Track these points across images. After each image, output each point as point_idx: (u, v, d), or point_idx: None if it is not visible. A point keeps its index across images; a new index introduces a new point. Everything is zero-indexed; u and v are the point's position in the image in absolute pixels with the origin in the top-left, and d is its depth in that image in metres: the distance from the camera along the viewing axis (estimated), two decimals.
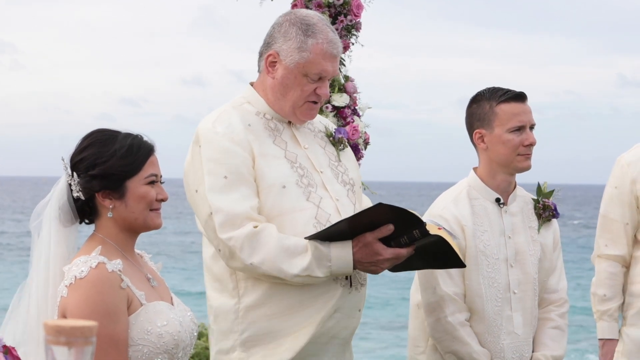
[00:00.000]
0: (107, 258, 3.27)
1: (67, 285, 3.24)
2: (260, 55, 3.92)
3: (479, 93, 4.39)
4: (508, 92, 4.32)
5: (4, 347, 2.59)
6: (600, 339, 5.21)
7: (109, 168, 3.33)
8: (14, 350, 2.59)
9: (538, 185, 4.49)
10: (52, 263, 3.35)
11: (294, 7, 5.49)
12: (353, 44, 5.66)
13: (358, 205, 3.93)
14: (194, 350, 8.44)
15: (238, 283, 3.78)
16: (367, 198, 4.21)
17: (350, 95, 5.62)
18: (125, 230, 3.40)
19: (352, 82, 5.66)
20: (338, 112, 5.59)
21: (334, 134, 4.03)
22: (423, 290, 4.32)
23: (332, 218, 3.77)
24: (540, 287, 4.40)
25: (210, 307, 3.87)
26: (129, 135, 3.42)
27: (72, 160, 3.39)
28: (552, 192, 4.48)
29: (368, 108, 5.71)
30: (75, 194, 3.37)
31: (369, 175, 6.09)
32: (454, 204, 4.34)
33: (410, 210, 3.60)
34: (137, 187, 3.37)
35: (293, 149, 3.87)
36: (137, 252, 3.52)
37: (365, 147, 5.66)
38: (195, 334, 3.46)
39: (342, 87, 5.61)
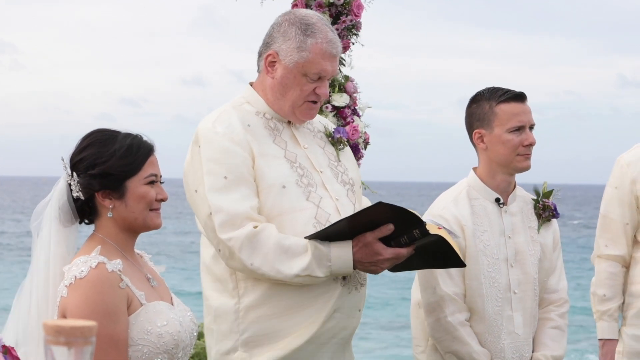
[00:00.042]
0: (107, 258, 3.27)
1: (67, 285, 3.24)
2: (260, 55, 3.92)
3: (479, 93, 4.39)
4: (508, 92, 4.32)
5: (4, 347, 2.59)
6: (600, 339, 5.21)
7: (109, 168, 3.33)
8: (13, 351, 2.60)
9: (535, 188, 4.49)
10: (51, 263, 3.35)
11: (295, 7, 5.49)
12: (353, 44, 5.66)
13: (358, 205, 3.93)
14: (194, 350, 8.44)
15: (238, 283, 3.78)
16: (366, 199, 4.20)
17: (350, 95, 5.62)
18: (125, 230, 3.40)
19: (352, 82, 5.66)
20: (338, 112, 5.59)
21: (333, 134, 4.03)
22: (423, 290, 4.32)
23: (332, 218, 3.77)
24: (540, 287, 4.40)
25: (210, 307, 3.87)
26: (129, 135, 3.42)
27: (71, 160, 3.39)
28: (551, 192, 4.48)
29: (368, 107, 5.71)
30: (75, 194, 3.37)
31: (369, 175, 6.10)
32: (454, 204, 4.34)
33: (410, 210, 3.60)
34: (137, 187, 3.37)
35: (293, 149, 3.87)
36: (137, 252, 3.52)
37: (365, 147, 5.66)
38: (195, 334, 3.46)
39: (342, 87, 5.61)
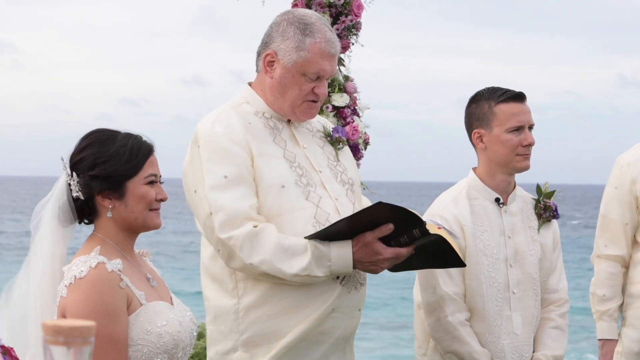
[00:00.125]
0: (106, 258, 3.27)
1: (66, 285, 3.23)
2: (259, 55, 3.91)
3: (478, 93, 4.38)
4: (507, 92, 4.32)
5: (3, 347, 2.59)
6: (600, 339, 5.21)
7: (109, 170, 3.33)
8: (13, 351, 2.59)
9: (537, 186, 4.48)
10: (50, 263, 3.35)
11: (295, 7, 5.49)
12: (353, 44, 5.66)
13: (357, 205, 3.92)
14: (194, 350, 8.44)
15: (237, 283, 3.77)
16: (366, 198, 4.20)
17: (350, 95, 5.62)
18: (125, 230, 3.39)
19: (352, 82, 5.65)
20: (338, 112, 5.58)
21: (332, 134, 4.03)
22: (423, 290, 4.31)
23: (331, 217, 3.76)
24: (541, 287, 4.40)
25: (209, 307, 3.86)
26: (129, 136, 3.42)
27: (71, 160, 3.39)
28: (553, 192, 4.48)
29: (367, 109, 5.70)
30: (75, 194, 3.36)
31: (369, 176, 6.09)
32: (454, 204, 4.34)
33: (410, 210, 3.60)
34: (136, 187, 3.36)
35: (292, 149, 3.86)
36: (137, 251, 3.52)
37: (365, 147, 5.66)
38: (195, 334, 3.46)
39: (342, 87, 5.60)
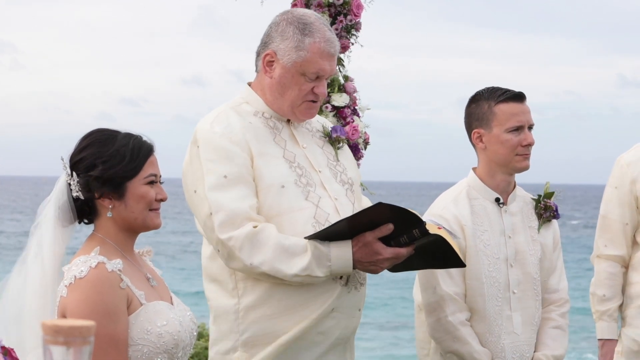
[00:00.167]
0: (106, 258, 3.27)
1: (66, 285, 3.23)
2: (258, 55, 3.91)
3: (478, 93, 4.38)
4: (507, 92, 4.32)
5: (3, 348, 2.58)
6: (600, 339, 5.21)
7: (109, 169, 3.33)
8: (13, 352, 2.59)
9: (546, 184, 4.49)
10: (49, 263, 3.34)
11: (294, 7, 5.49)
12: (353, 44, 5.66)
13: (357, 205, 3.92)
14: (194, 350, 8.44)
15: (237, 283, 3.77)
16: (366, 198, 4.20)
17: (350, 95, 5.62)
18: (125, 230, 3.39)
19: (351, 82, 5.65)
20: (338, 112, 5.58)
21: (331, 133, 4.03)
22: (423, 290, 4.31)
23: (331, 217, 3.76)
24: (541, 287, 4.40)
25: (211, 307, 3.87)
26: (129, 136, 3.41)
27: (71, 160, 3.39)
28: (553, 193, 4.48)
29: (367, 109, 5.70)
30: (75, 194, 3.36)
31: (369, 176, 6.09)
32: (454, 204, 4.34)
33: (410, 210, 3.60)
34: (136, 187, 3.36)
35: (291, 149, 3.86)
36: (138, 250, 3.52)
37: (365, 147, 5.66)
38: (195, 334, 3.46)
39: (341, 87, 5.60)
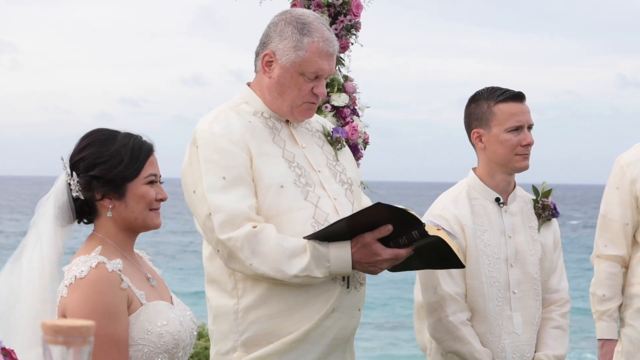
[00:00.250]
0: (106, 258, 3.27)
1: (67, 285, 3.23)
2: (257, 55, 3.91)
3: (478, 93, 4.38)
4: (506, 91, 4.32)
5: (3, 349, 2.58)
6: (600, 339, 5.21)
7: (109, 169, 3.32)
8: (13, 353, 2.59)
9: (533, 187, 4.48)
10: (46, 262, 3.34)
11: (294, 6, 5.49)
12: (352, 44, 5.66)
13: (356, 205, 3.92)
14: (194, 350, 8.44)
15: (237, 284, 3.77)
16: (366, 197, 4.20)
17: (350, 95, 5.62)
18: (125, 230, 3.39)
19: (351, 81, 5.65)
20: (337, 111, 5.58)
21: (332, 134, 4.03)
22: (424, 290, 4.31)
23: (330, 217, 3.76)
24: (542, 287, 4.39)
25: (210, 307, 3.87)
26: (129, 135, 3.41)
27: (71, 160, 3.39)
28: (550, 191, 4.47)
29: (367, 107, 5.70)
30: (75, 194, 3.36)
31: (369, 175, 6.09)
32: (454, 204, 4.33)
33: (409, 211, 3.59)
34: (137, 187, 3.36)
35: (291, 148, 3.86)
36: (136, 251, 3.51)
37: (365, 147, 5.66)
38: (195, 334, 3.46)
39: (341, 86, 5.60)
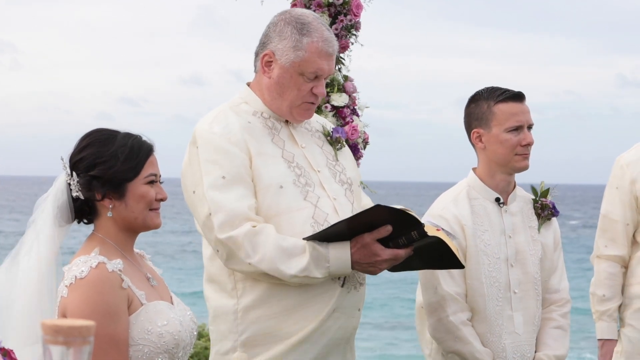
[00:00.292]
0: (107, 258, 3.27)
1: (67, 286, 3.23)
2: (256, 55, 3.91)
3: (477, 93, 4.38)
4: (506, 91, 4.32)
5: (2, 349, 2.58)
6: (600, 339, 5.21)
7: (109, 169, 3.32)
8: (12, 353, 2.58)
9: (532, 187, 4.48)
10: (43, 261, 3.33)
11: (294, 7, 5.49)
12: (352, 44, 5.66)
13: (356, 205, 3.92)
14: (194, 350, 8.44)
15: (236, 284, 3.77)
16: (367, 197, 4.20)
17: (350, 95, 5.62)
18: (125, 230, 3.39)
19: (351, 81, 5.65)
20: (337, 111, 5.58)
21: (332, 134, 4.03)
22: (424, 291, 4.31)
23: (329, 217, 3.76)
24: (542, 287, 4.39)
25: (210, 307, 3.87)
26: (128, 135, 3.41)
27: (71, 160, 3.39)
28: (548, 190, 4.47)
29: (366, 107, 5.70)
30: (75, 194, 3.36)
31: (369, 175, 6.09)
32: (454, 204, 4.33)
33: (409, 211, 3.59)
34: (137, 187, 3.36)
35: (290, 149, 3.86)
36: (136, 251, 3.51)
37: (365, 146, 5.66)
38: (195, 333, 3.46)
39: (341, 86, 5.60)
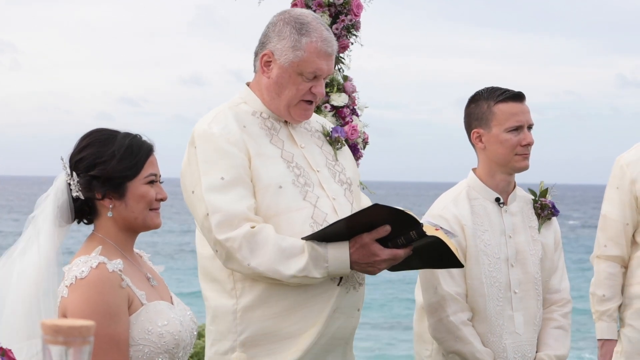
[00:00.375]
0: (107, 258, 3.27)
1: (67, 286, 3.23)
2: (256, 55, 3.91)
3: (477, 93, 4.38)
4: (506, 91, 4.32)
5: (1, 349, 2.58)
6: (599, 340, 5.21)
7: (109, 169, 3.32)
8: (10, 353, 2.58)
9: (530, 189, 4.49)
10: (43, 261, 3.33)
11: (294, 6, 5.49)
12: (352, 44, 5.66)
13: (355, 205, 3.92)
14: (193, 350, 8.44)
15: (235, 284, 3.77)
16: (366, 197, 4.20)
17: (349, 95, 5.62)
18: (125, 230, 3.39)
19: (350, 81, 5.65)
20: (337, 111, 5.58)
21: (331, 133, 4.02)
22: (424, 291, 4.30)
23: (328, 217, 3.76)
24: (543, 287, 4.39)
25: (209, 307, 3.86)
26: (128, 135, 3.41)
27: (71, 160, 3.39)
28: (547, 190, 4.47)
29: (366, 107, 5.70)
30: (75, 194, 3.36)
31: (369, 175, 6.09)
32: (454, 204, 4.33)
33: (407, 211, 3.59)
34: (137, 187, 3.36)
35: (289, 149, 3.86)
36: (136, 251, 3.51)
37: (364, 146, 5.66)
38: (195, 333, 3.46)
39: (341, 86, 5.60)
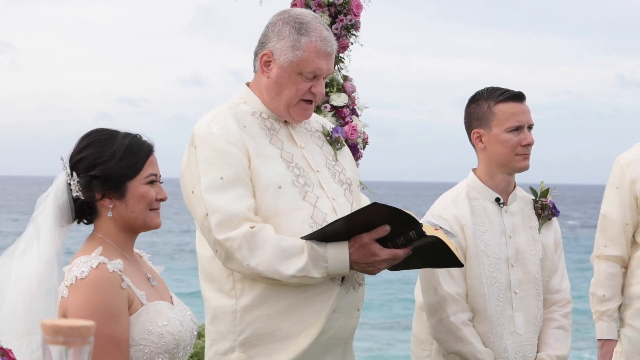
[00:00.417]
0: (107, 258, 3.27)
1: (67, 286, 3.23)
2: (255, 55, 3.91)
3: (478, 93, 4.38)
4: (506, 92, 4.32)
5: (1, 349, 2.58)
6: (599, 340, 5.20)
7: (109, 169, 3.32)
8: (11, 353, 2.58)
9: (531, 189, 4.49)
10: (43, 261, 3.33)
11: (294, 6, 5.49)
12: (352, 44, 5.66)
13: (355, 205, 3.91)
14: (193, 350, 8.44)
15: (235, 284, 3.76)
16: (366, 198, 4.19)
17: (349, 95, 5.62)
18: (125, 230, 3.39)
19: (350, 81, 5.65)
20: (336, 111, 5.58)
21: (331, 133, 4.02)
22: (424, 291, 4.30)
23: (328, 217, 3.75)
24: (543, 287, 4.39)
25: (209, 307, 3.86)
26: (128, 135, 3.41)
27: (71, 160, 3.39)
28: (547, 190, 4.47)
29: (365, 107, 5.70)
30: (75, 194, 3.36)
31: (369, 175, 6.09)
32: (454, 204, 4.33)
33: (406, 211, 3.58)
34: (137, 187, 3.36)
35: (289, 149, 3.86)
36: (136, 251, 3.51)
37: (364, 146, 5.66)
38: (195, 333, 3.46)
39: (340, 86, 5.60)
